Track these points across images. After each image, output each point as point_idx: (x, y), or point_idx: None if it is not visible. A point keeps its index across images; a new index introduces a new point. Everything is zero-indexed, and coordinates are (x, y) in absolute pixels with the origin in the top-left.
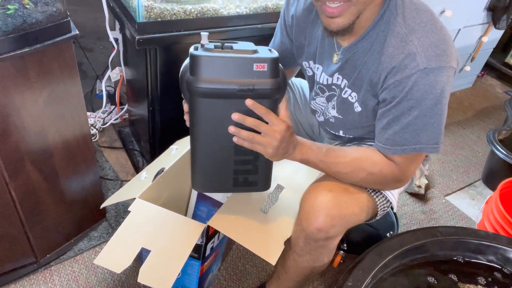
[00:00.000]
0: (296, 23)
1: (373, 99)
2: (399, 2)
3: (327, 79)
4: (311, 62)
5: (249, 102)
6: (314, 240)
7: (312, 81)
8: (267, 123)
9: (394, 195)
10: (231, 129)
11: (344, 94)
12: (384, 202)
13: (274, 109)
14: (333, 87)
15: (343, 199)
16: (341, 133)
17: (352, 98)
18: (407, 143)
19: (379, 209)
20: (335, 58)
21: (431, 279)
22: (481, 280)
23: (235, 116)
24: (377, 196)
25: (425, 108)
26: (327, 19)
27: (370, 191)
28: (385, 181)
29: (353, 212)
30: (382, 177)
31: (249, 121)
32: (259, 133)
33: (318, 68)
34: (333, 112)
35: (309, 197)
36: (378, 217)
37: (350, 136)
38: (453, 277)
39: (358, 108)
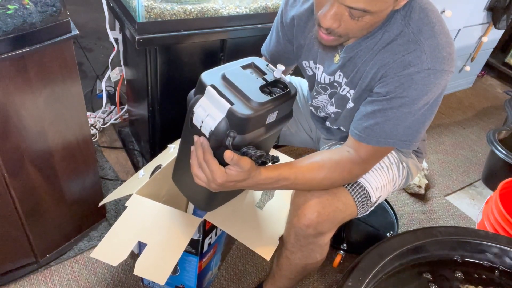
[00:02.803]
0: (297, 24)
1: (367, 95)
2: (408, 4)
3: (329, 78)
4: (311, 61)
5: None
6: (304, 237)
7: (312, 81)
8: None
9: (371, 185)
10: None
11: (342, 91)
12: (360, 191)
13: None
14: (335, 84)
15: (325, 196)
16: (341, 128)
17: (350, 95)
18: (384, 136)
19: (357, 202)
20: (337, 58)
21: (430, 279)
22: (481, 280)
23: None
24: (353, 189)
25: (415, 108)
26: (320, 34)
27: (345, 185)
28: (348, 176)
29: (337, 208)
30: (344, 174)
31: (193, 158)
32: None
33: (318, 68)
34: (332, 109)
35: (298, 196)
36: (363, 209)
37: (344, 130)
38: (453, 277)
39: (350, 104)
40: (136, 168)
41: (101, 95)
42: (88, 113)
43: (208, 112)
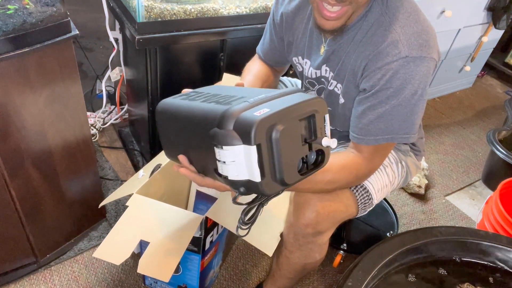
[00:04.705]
0: (285, 20)
1: (355, 90)
2: None
3: (315, 73)
4: (299, 57)
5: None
6: (303, 236)
7: (302, 76)
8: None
9: (374, 187)
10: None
11: (330, 86)
12: (364, 193)
13: None
14: (322, 79)
15: (326, 197)
16: (337, 129)
17: (338, 90)
18: (380, 133)
19: (359, 203)
20: (322, 49)
21: (431, 279)
22: (481, 280)
23: (180, 158)
24: (357, 190)
25: (403, 98)
26: (322, 20)
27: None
28: (353, 179)
29: (338, 208)
30: (350, 177)
31: (183, 171)
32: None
33: (306, 62)
34: None
35: (298, 195)
36: (364, 210)
37: (340, 130)
38: (453, 277)
39: (341, 100)
40: (136, 168)
41: (101, 95)
42: (88, 113)
43: (236, 163)
